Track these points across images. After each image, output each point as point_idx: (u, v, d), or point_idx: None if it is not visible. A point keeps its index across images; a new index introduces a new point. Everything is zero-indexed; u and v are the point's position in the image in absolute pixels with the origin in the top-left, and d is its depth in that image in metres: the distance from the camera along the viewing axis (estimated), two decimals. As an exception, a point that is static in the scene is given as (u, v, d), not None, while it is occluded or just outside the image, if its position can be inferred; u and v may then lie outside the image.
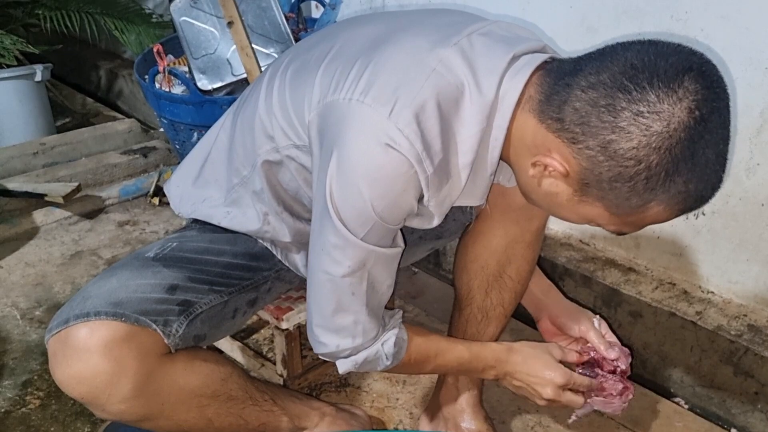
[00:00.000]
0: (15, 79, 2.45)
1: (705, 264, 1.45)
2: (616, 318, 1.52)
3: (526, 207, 1.06)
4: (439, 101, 0.84)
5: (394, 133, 0.82)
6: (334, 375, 1.44)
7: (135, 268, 1.00)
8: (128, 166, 2.33)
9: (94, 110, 2.93)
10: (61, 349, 0.92)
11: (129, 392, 0.92)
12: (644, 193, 0.78)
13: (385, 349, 0.99)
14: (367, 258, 0.90)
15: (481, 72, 0.86)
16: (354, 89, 0.85)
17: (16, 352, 1.53)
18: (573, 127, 0.78)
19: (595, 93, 0.76)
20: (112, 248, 1.96)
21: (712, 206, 1.38)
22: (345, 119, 0.85)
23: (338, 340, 0.96)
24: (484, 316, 1.17)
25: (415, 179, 0.85)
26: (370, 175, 0.83)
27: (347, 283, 0.91)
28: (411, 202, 0.87)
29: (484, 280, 1.15)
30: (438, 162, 0.85)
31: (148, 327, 0.93)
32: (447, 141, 0.86)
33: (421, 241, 1.20)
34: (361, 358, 0.98)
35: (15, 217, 2.05)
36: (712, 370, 1.39)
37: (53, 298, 1.72)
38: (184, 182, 1.13)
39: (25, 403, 1.38)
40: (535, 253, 1.17)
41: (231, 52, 1.77)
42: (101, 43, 3.16)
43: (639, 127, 0.74)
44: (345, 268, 0.90)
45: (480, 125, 0.86)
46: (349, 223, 0.87)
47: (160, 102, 1.82)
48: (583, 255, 1.61)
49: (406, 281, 1.77)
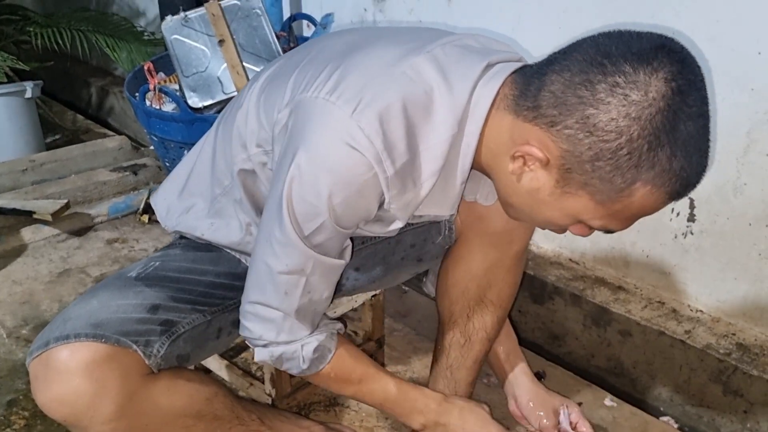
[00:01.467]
0: (5, 96, 2.45)
1: (694, 283, 1.45)
2: (606, 337, 1.52)
3: (506, 231, 1.06)
4: (406, 104, 0.83)
5: (355, 131, 0.81)
6: (323, 394, 1.43)
7: (117, 288, 1.00)
8: (118, 183, 2.33)
9: (85, 127, 2.93)
10: (43, 372, 0.91)
11: (111, 413, 0.91)
12: (627, 171, 0.76)
13: (304, 352, 0.98)
14: (306, 264, 0.90)
15: (453, 78, 0.86)
16: (322, 88, 0.85)
17: (2, 371, 1.51)
18: (550, 111, 0.77)
19: (569, 73, 0.76)
20: (100, 266, 1.94)
21: (701, 225, 1.39)
22: (310, 116, 0.84)
23: (263, 330, 0.96)
24: (467, 340, 1.17)
25: (375, 181, 0.83)
26: (330, 170, 0.83)
27: (283, 281, 0.91)
28: (368, 206, 0.86)
29: (466, 304, 1.15)
30: (401, 165, 0.84)
31: (128, 348, 0.93)
32: (413, 145, 0.84)
33: (402, 263, 1.20)
34: (277, 352, 0.98)
35: (3, 234, 2.04)
36: (701, 388, 1.39)
37: (40, 316, 1.71)
38: (170, 195, 1.13)
39: (10, 423, 1.36)
40: (517, 277, 1.16)
41: (222, 71, 1.77)
42: (92, 60, 3.16)
43: (617, 97, 0.73)
44: (283, 265, 0.90)
45: (451, 131, 0.85)
46: (298, 217, 0.86)
47: (151, 120, 1.82)
48: (573, 273, 1.61)
49: (396, 300, 1.76)
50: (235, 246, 1.08)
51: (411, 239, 1.16)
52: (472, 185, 1.04)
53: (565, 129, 0.76)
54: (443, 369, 1.20)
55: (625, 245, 1.54)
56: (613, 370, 1.54)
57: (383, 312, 1.47)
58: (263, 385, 1.34)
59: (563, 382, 1.50)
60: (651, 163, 0.75)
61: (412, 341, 1.62)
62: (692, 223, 1.41)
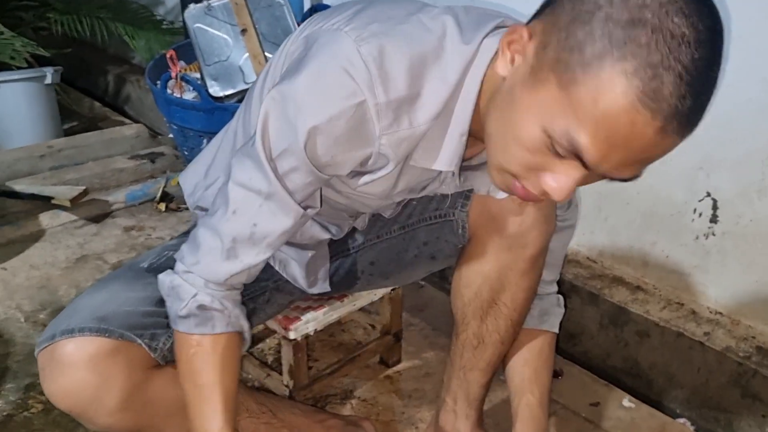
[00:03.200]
0: (25, 81, 2.45)
1: (714, 285, 1.45)
2: (623, 337, 1.52)
3: (519, 234, 1.04)
4: (413, 43, 0.81)
5: (353, 55, 0.79)
6: (340, 387, 1.44)
7: (127, 280, 1.00)
8: (135, 171, 2.33)
9: (102, 115, 2.93)
10: (49, 364, 0.92)
11: (116, 406, 0.92)
12: (600, 39, 0.67)
13: (192, 300, 0.89)
14: (263, 187, 0.84)
15: (467, 30, 0.84)
16: (339, 22, 0.84)
17: (19, 355, 1.52)
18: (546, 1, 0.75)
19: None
20: (117, 253, 1.95)
21: (723, 227, 1.38)
22: (318, 42, 0.83)
23: (188, 251, 0.90)
24: (480, 342, 1.15)
25: (361, 111, 0.79)
26: (316, 89, 0.80)
27: (238, 195, 0.86)
28: (347, 140, 0.82)
29: (479, 306, 1.12)
30: (396, 98, 0.80)
31: (133, 341, 0.93)
32: (417, 83, 0.81)
33: (416, 260, 1.19)
34: (176, 282, 0.90)
35: (21, 219, 2.04)
36: (719, 391, 1.38)
37: (57, 301, 1.72)
38: (198, 172, 1.12)
39: (28, 407, 1.37)
40: (532, 281, 1.11)
41: (243, 60, 1.77)
42: (110, 48, 3.17)
43: None
44: (245, 177, 0.85)
45: (456, 75, 0.83)
46: (271, 134, 0.82)
47: (171, 108, 1.82)
48: (591, 272, 1.60)
49: (413, 294, 1.76)
50: None
51: (424, 236, 1.15)
52: (485, 177, 1.02)
53: (555, 3, 0.73)
54: (457, 370, 1.19)
55: (644, 245, 1.53)
56: (630, 371, 1.53)
57: (402, 306, 1.47)
58: (281, 377, 1.35)
59: (580, 381, 1.49)
60: (627, 38, 0.66)
61: (429, 336, 1.62)
62: (714, 225, 1.40)
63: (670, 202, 1.45)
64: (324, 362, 1.49)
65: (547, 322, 1.21)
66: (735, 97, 1.25)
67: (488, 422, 1.34)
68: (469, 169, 1.01)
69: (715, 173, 1.37)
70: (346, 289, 1.28)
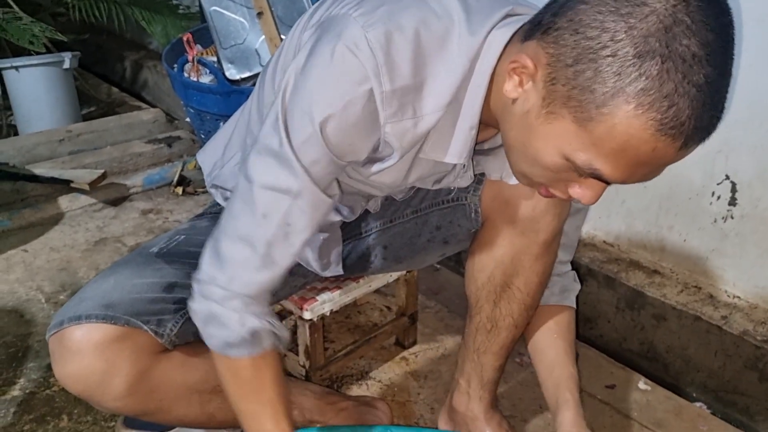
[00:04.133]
0: (44, 66, 2.48)
1: (732, 268, 1.43)
2: (639, 320, 1.51)
3: (532, 218, 1.04)
4: (420, 31, 0.80)
5: (360, 41, 0.78)
6: (356, 368, 1.45)
7: (136, 266, 1.01)
8: (153, 155, 2.35)
9: (120, 100, 2.95)
10: (58, 350, 0.94)
11: (123, 391, 0.94)
12: (610, 78, 0.67)
13: (242, 330, 0.86)
14: (294, 184, 0.82)
15: (475, 19, 0.83)
16: (349, 6, 0.83)
17: (41, 335, 1.54)
18: (548, 18, 0.73)
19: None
20: (135, 236, 1.97)
21: (742, 210, 1.37)
22: (329, 27, 0.82)
23: (216, 270, 0.85)
24: (494, 326, 1.15)
25: (369, 98, 0.79)
26: (325, 75, 0.79)
27: (265, 198, 0.82)
28: (358, 126, 0.81)
29: (492, 290, 1.12)
30: (401, 86, 0.80)
31: (139, 328, 0.94)
32: (420, 73, 0.81)
33: (429, 245, 1.19)
34: (213, 310, 0.86)
35: (41, 202, 2.07)
36: (736, 375, 1.37)
37: (77, 282, 1.74)
38: (217, 150, 1.13)
39: (49, 385, 1.40)
40: (546, 266, 1.11)
41: (260, 43, 1.77)
42: (127, 33, 3.18)
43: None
44: (271, 177, 0.82)
45: (462, 68, 0.82)
46: (289, 126, 0.81)
47: (188, 91, 1.83)
48: (607, 256, 1.60)
49: (429, 277, 1.76)
50: None
51: (437, 221, 1.15)
52: (498, 162, 1.03)
53: (555, 30, 0.72)
54: (470, 352, 1.20)
55: (662, 229, 1.52)
56: (646, 354, 1.52)
57: (417, 288, 1.48)
58: (297, 357, 1.36)
59: (597, 364, 1.49)
60: (637, 73, 0.66)
61: (444, 318, 1.62)
62: (733, 207, 1.39)
63: (689, 185, 1.44)
64: (340, 343, 1.50)
65: (568, 298, 1.21)
66: (755, 80, 1.24)
67: (503, 403, 1.35)
68: (481, 153, 1.01)
69: (734, 156, 1.35)
70: (359, 272, 1.28)
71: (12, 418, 1.31)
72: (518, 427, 1.30)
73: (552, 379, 1.14)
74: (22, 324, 1.58)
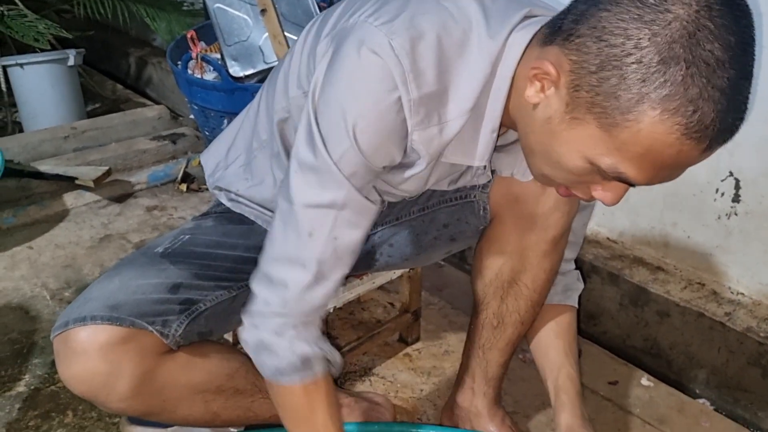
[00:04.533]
0: (48, 63, 2.48)
1: (735, 265, 1.43)
2: (643, 317, 1.51)
3: (542, 215, 1.04)
4: (441, 36, 0.80)
5: (386, 49, 0.78)
6: (359, 364, 1.45)
7: (140, 266, 1.01)
8: (157, 152, 2.36)
9: (124, 96, 2.96)
10: (63, 350, 0.94)
11: (127, 392, 0.94)
12: (635, 85, 0.68)
13: (292, 357, 0.88)
14: (338, 194, 0.82)
15: (493, 21, 0.83)
16: (366, 13, 0.83)
17: (45, 332, 1.55)
18: (569, 25, 0.73)
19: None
20: (140, 233, 1.98)
21: (746, 206, 1.37)
22: (348, 36, 0.82)
23: (269, 294, 0.87)
24: (500, 322, 1.15)
25: (397, 106, 0.79)
26: (354, 84, 0.79)
27: (309, 216, 0.83)
28: (390, 134, 0.81)
29: (499, 286, 1.12)
30: (427, 93, 0.80)
31: (144, 329, 0.94)
32: (444, 79, 0.81)
33: (436, 242, 1.18)
34: (266, 340, 0.88)
35: (46, 199, 2.08)
36: (739, 372, 1.37)
37: (82, 279, 1.75)
38: (220, 152, 1.13)
39: (54, 382, 1.40)
40: (553, 263, 1.11)
41: (263, 40, 1.77)
42: (132, 30, 3.19)
43: (633, 2, 0.68)
44: (313, 194, 0.83)
45: (483, 72, 0.82)
46: (324, 137, 0.81)
47: (192, 88, 1.83)
48: (611, 252, 1.60)
49: (433, 274, 1.77)
50: (268, 204, 1.08)
51: (445, 218, 1.15)
52: (510, 159, 1.03)
53: (578, 38, 0.72)
54: (476, 348, 1.20)
55: (665, 225, 1.52)
56: (649, 351, 1.52)
57: (421, 284, 1.48)
58: (300, 353, 1.36)
59: (599, 360, 1.49)
60: (662, 79, 0.67)
61: (448, 315, 1.62)
62: (737, 204, 1.38)
63: (693, 182, 1.43)
64: (343, 340, 1.50)
65: (571, 297, 1.21)
66: (760, 76, 1.24)
67: (507, 399, 1.35)
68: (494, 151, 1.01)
69: (738, 153, 1.35)
70: (363, 269, 1.28)
71: (17, 414, 1.32)
72: (521, 423, 1.30)
73: (552, 380, 1.15)
74: (27, 321, 1.59)
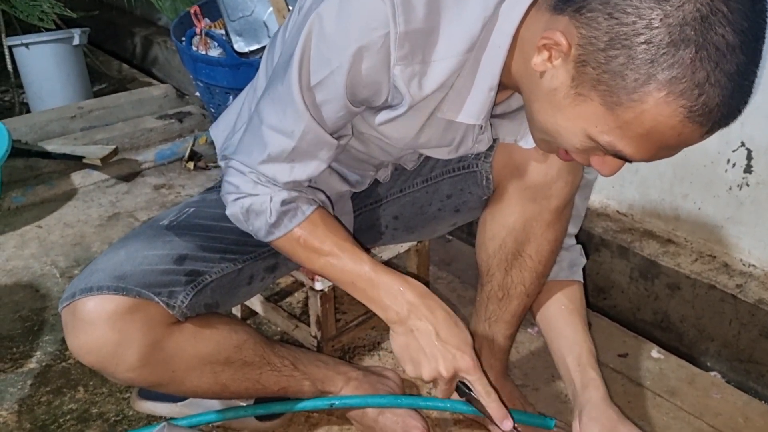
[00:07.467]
0: (53, 43, 2.47)
1: (747, 237, 1.42)
2: (653, 290, 1.50)
3: (544, 184, 1.03)
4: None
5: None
6: (368, 339, 1.45)
7: (146, 238, 1.01)
8: (164, 130, 2.35)
9: (130, 76, 2.95)
10: (71, 321, 0.95)
11: (135, 362, 0.95)
12: (642, 65, 0.67)
13: (272, 204, 0.93)
14: (296, 126, 0.88)
15: None
16: None
17: (56, 309, 1.55)
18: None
19: None
20: (148, 211, 1.98)
21: (758, 177, 1.35)
22: None
23: (241, 181, 0.94)
24: (505, 294, 1.14)
25: (386, 42, 0.80)
26: (351, 11, 0.80)
27: (271, 139, 0.90)
28: (377, 70, 0.82)
29: (503, 258, 1.12)
30: (414, 29, 0.79)
31: (150, 300, 0.95)
32: (433, 19, 0.80)
33: (440, 213, 1.18)
34: (247, 204, 0.94)
35: (54, 178, 2.08)
36: (751, 344, 1.36)
37: (91, 257, 1.75)
38: (229, 123, 1.14)
39: (65, 358, 1.41)
40: (558, 233, 1.10)
41: (268, 15, 1.76)
42: (137, 9, 3.17)
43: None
44: (275, 119, 0.89)
45: (481, 20, 0.81)
46: (312, 62, 0.83)
47: (197, 65, 1.82)
48: (620, 226, 1.58)
49: (441, 248, 1.76)
50: None
51: (448, 189, 1.15)
52: (513, 125, 1.01)
53: (589, 12, 0.70)
54: (482, 321, 1.20)
55: (676, 197, 1.51)
56: (660, 324, 1.52)
57: (429, 259, 1.47)
58: (309, 328, 1.36)
59: (609, 333, 1.49)
60: (670, 61, 0.66)
61: (456, 289, 1.62)
62: (749, 175, 1.37)
63: (703, 152, 1.41)
64: (351, 314, 1.50)
65: (576, 273, 1.21)
66: None
67: (516, 373, 1.35)
68: (494, 117, 1.00)
69: (749, 123, 1.33)
70: (370, 243, 1.28)
71: (29, 390, 1.33)
72: (530, 396, 1.30)
73: (574, 356, 1.12)
74: (38, 298, 1.60)
